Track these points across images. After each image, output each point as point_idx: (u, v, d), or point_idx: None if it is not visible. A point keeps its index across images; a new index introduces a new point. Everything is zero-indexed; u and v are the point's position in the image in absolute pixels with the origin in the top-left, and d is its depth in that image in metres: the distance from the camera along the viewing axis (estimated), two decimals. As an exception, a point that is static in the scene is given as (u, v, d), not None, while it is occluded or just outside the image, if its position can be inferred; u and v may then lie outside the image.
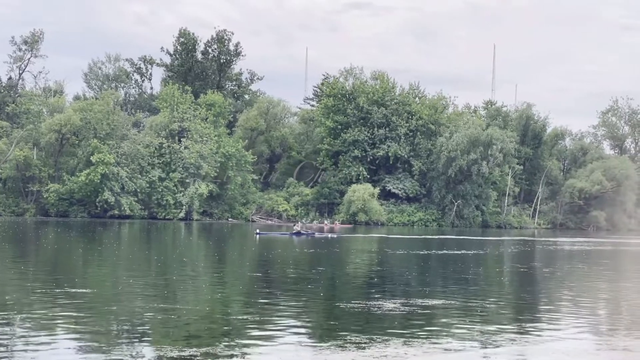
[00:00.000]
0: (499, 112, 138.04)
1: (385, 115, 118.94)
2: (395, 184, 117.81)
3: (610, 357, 13.25)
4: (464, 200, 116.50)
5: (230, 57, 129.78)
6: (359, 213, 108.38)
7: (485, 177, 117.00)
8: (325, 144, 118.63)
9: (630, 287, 28.63)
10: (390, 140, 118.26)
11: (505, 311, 19.78)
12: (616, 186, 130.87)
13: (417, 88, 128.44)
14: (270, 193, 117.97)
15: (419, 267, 34.98)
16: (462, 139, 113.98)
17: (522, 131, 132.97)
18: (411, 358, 12.44)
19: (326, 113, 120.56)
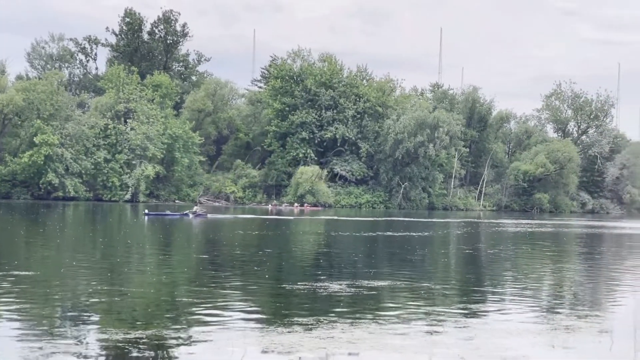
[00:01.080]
0: (445, 95, 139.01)
1: (333, 97, 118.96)
2: (342, 166, 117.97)
3: (553, 336, 13.41)
4: (411, 183, 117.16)
5: (177, 37, 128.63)
6: (307, 195, 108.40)
7: (432, 159, 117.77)
8: (273, 126, 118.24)
9: (572, 268, 29.04)
10: (337, 122, 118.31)
11: (450, 292, 19.92)
12: (559, 169, 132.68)
13: (364, 71, 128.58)
14: (217, 175, 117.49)
15: (365, 249, 35.09)
16: (409, 122, 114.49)
17: (468, 114, 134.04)
18: (358, 339, 12.45)
19: (274, 95, 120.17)
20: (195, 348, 11.86)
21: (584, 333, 13.72)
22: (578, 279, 24.43)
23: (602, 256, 35.72)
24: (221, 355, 11.33)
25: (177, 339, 12.32)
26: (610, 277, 24.60)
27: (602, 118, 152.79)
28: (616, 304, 18.65)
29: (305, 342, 12.12)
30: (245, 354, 11.35)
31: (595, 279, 24.43)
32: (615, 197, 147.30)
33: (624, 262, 31.32)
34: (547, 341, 12.89)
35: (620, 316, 16.39)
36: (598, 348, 12.58)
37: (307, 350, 11.55)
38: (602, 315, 16.35)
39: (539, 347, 12.31)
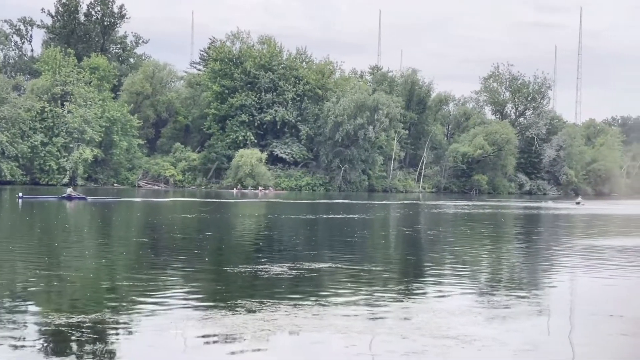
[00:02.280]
0: (385, 78, 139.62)
1: (273, 80, 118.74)
2: (282, 149, 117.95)
3: (492, 314, 13.59)
4: (351, 165, 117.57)
5: (114, 19, 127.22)
6: (247, 178, 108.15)
7: (372, 141, 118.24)
8: (212, 109, 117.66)
9: (510, 249, 29.44)
10: (277, 105, 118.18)
11: (391, 274, 20.05)
12: (497, 150, 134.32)
13: (304, 53, 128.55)
14: (156, 158, 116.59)
15: (305, 232, 35.14)
16: (348, 104, 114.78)
17: (408, 96, 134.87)
18: (301, 320, 12.47)
19: (213, 77, 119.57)
20: (137, 332, 11.76)
21: (522, 312, 13.92)
22: (516, 259, 24.77)
23: (539, 237, 36.28)
24: (163, 338, 11.25)
25: (118, 323, 12.20)
26: (547, 258, 24.99)
27: (540, 100, 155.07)
28: (553, 283, 18.94)
29: (249, 324, 12.10)
30: (188, 337, 11.29)
31: (533, 259, 24.80)
32: (552, 179, 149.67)
33: (561, 242, 31.85)
34: (487, 320, 13.05)
35: (558, 295, 16.66)
36: (536, 326, 12.78)
37: (251, 332, 11.53)
38: (540, 295, 16.62)
39: (479, 326, 12.45)
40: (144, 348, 10.86)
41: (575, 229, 43.79)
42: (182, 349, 10.63)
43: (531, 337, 11.71)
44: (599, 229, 42.25)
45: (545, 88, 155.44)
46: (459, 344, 11.04)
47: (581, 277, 19.88)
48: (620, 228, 44.58)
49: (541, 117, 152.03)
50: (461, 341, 11.19)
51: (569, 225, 46.48)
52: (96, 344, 10.83)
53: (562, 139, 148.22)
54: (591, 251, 26.75)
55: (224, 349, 10.64)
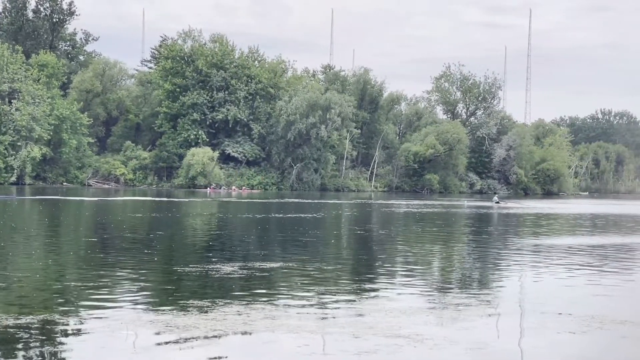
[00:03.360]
0: (337, 77, 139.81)
1: (225, 78, 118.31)
2: (234, 148, 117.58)
3: (443, 313, 13.67)
4: (303, 164, 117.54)
5: (64, 16, 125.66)
6: (198, 177, 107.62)
7: (324, 140, 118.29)
8: (164, 107, 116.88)
9: (461, 248, 29.67)
10: (229, 103, 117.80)
11: (343, 273, 20.08)
12: (449, 150, 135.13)
13: (256, 52, 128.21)
14: (107, 157, 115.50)
15: (257, 231, 35.05)
16: (301, 103, 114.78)
17: (360, 95, 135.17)
18: (253, 320, 12.44)
19: (164, 75, 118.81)
20: (87, 333, 11.62)
21: (472, 311, 14.03)
22: (467, 258, 24.97)
23: (490, 236, 36.60)
24: (114, 338, 11.15)
25: (68, 323, 12.06)
26: (497, 257, 25.22)
27: (490, 100, 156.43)
28: (503, 282, 19.13)
29: (201, 324, 12.04)
30: (139, 337, 11.19)
31: (484, 258, 25.02)
32: (502, 178, 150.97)
33: (511, 241, 32.18)
34: (438, 319, 13.13)
35: (508, 294, 16.82)
36: (487, 325, 12.89)
37: (203, 332, 11.48)
38: (490, 294, 16.76)
39: (430, 325, 12.53)
40: (94, 349, 10.74)
41: (520, 227, 44.26)
42: (133, 350, 10.54)
43: (482, 336, 11.81)
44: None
45: (495, 88, 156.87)
46: (411, 343, 11.09)
47: (530, 276, 20.10)
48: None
49: (491, 117, 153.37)
50: (413, 340, 11.24)
51: (520, 224, 46.97)
52: (45, 345, 10.70)
53: (512, 139, 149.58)
54: (539, 250, 27.07)
55: (175, 350, 10.57)
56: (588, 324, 12.88)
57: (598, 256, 25.69)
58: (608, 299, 15.86)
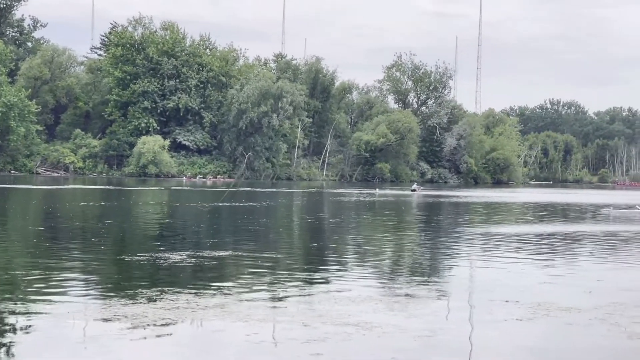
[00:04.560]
0: (289, 66, 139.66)
1: (176, 66, 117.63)
2: (186, 136, 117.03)
3: (392, 301, 13.75)
4: (255, 153, 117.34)
5: (11, 1, 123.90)
6: (149, 165, 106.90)
7: (276, 129, 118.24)
8: (114, 95, 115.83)
9: (411, 236, 29.87)
10: (180, 91, 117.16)
11: (294, 261, 20.11)
12: (400, 139, 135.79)
13: (207, 40, 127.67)
14: (56, 145, 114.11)
15: (207, 220, 34.92)
16: (252, 92, 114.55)
17: (312, 84, 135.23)
18: (203, 308, 12.40)
19: (114, 63, 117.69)
20: (34, 321, 11.48)
21: (422, 299, 14.13)
22: (417, 247, 25.15)
23: (439, 224, 36.87)
24: (62, 328, 11.03)
25: (14, 313, 11.90)
26: (446, 245, 25.43)
27: (441, 89, 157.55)
28: (452, 270, 19.31)
29: (150, 312, 11.97)
30: (87, 326, 11.09)
31: (434, 246, 25.21)
32: (453, 167, 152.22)
33: (461, 229, 32.45)
34: (387, 307, 13.20)
35: (456, 282, 16.96)
36: (436, 313, 12.99)
37: (152, 321, 11.40)
38: (440, 282, 16.89)
39: (379, 313, 12.59)
40: (41, 339, 10.62)
41: (464, 215, 44.68)
42: (81, 339, 10.44)
43: (430, 323, 11.89)
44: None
45: (446, 78, 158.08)
46: (360, 330, 11.14)
47: (479, 264, 20.31)
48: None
49: (442, 106, 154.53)
50: (362, 328, 11.29)
51: (470, 212, 47.40)
52: (-10, 335, 10.55)
53: (463, 128, 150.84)
54: (488, 239, 27.36)
55: (124, 338, 10.49)
56: (535, 311, 13.04)
57: (545, 244, 26.04)
58: (554, 287, 16.08)
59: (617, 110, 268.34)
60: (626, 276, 18.25)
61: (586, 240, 28.60)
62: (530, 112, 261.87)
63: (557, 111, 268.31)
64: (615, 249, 24.68)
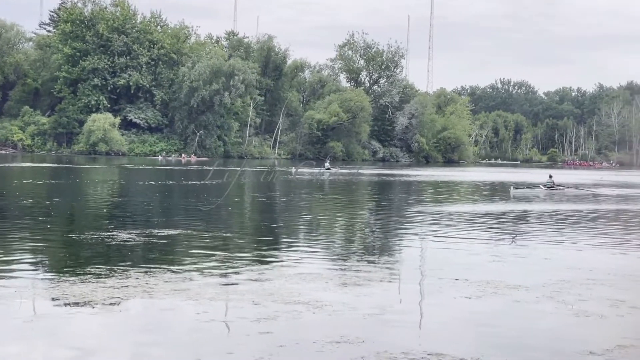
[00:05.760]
0: (240, 43, 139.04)
1: (126, 43, 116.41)
2: (136, 114, 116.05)
3: (343, 279, 13.80)
4: (207, 131, 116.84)
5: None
6: (99, 143, 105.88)
7: (228, 107, 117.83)
8: (63, 72, 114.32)
9: (363, 215, 29.99)
10: (131, 69, 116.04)
11: (245, 240, 20.09)
12: (352, 118, 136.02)
13: (158, 16, 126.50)
14: (3, 122, 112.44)
15: (158, 198, 34.73)
16: (204, 70, 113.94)
17: (264, 63, 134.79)
18: (152, 287, 12.33)
19: (64, 39, 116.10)
20: (-21, 302, 11.33)
21: (372, 277, 14.19)
22: (368, 225, 25.25)
23: (391, 203, 37.05)
24: (9, 307, 10.90)
25: (-41, 294, 11.74)
26: (397, 224, 25.57)
27: (393, 69, 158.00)
28: (403, 249, 19.43)
29: (98, 291, 11.87)
30: (35, 305, 10.98)
31: (384, 225, 25.34)
32: (404, 146, 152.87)
33: (412, 208, 32.63)
34: (338, 285, 13.24)
35: (407, 261, 17.07)
36: (386, 291, 13.06)
37: (100, 299, 11.32)
38: (390, 260, 16.98)
39: (330, 291, 12.63)
40: (-14, 318, 10.48)
41: (418, 195, 44.94)
42: (28, 318, 10.32)
43: (380, 302, 11.96)
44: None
45: (398, 57, 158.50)
46: (310, 309, 11.16)
47: (429, 242, 20.45)
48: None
49: (394, 85, 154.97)
50: (312, 306, 11.32)
51: (421, 192, 47.67)
52: None
53: (414, 108, 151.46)
54: (439, 217, 27.56)
55: (72, 317, 10.40)
56: (483, 289, 13.18)
57: (494, 223, 26.29)
58: (502, 265, 16.25)
59: (567, 90, 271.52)
60: (573, 254, 18.52)
61: (534, 218, 28.94)
62: (481, 92, 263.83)
63: (508, 91, 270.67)
64: (563, 228, 25.00)
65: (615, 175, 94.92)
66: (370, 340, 9.48)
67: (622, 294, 13.12)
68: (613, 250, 19.63)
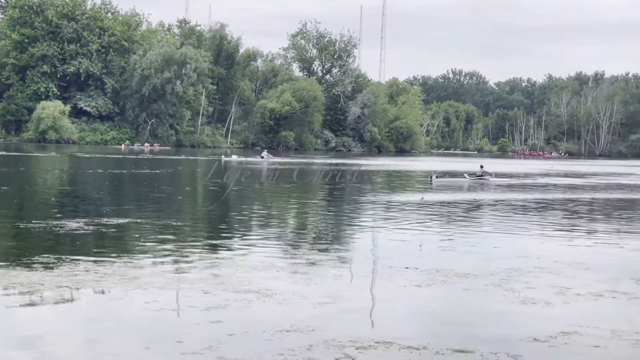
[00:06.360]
0: (193, 32, 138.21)
1: (76, 30, 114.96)
2: (87, 102, 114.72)
3: (294, 268, 13.84)
4: (158, 119, 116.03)
5: None
6: (49, 131, 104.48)
7: (180, 96, 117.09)
8: (11, 58, 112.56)
9: (313, 204, 30.03)
10: (81, 56, 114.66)
11: (196, 229, 20.03)
12: (304, 107, 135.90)
13: (109, 3, 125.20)
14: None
15: (108, 187, 34.45)
16: (156, 58, 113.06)
17: (216, 51, 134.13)
18: (102, 276, 12.24)
19: (12, 25, 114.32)
20: None
21: (323, 266, 14.24)
22: (319, 215, 25.30)
23: (342, 192, 37.13)
24: (-47, 298, 10.75)
25: None
26: (348, 213, 25.65)
27: (345, 58, 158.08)
28: (354, 238, 19.53)
29: (47, 280, 11.76)
30: (-20, 296, 10.84)
31: (335, 214, 25.40)
32: (357, 135, 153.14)
33: (363, 198, 32.75)
34: (290, 274, 13.27)
35: (358, 249, 17.16)
36: (336, 279, 13.11)
37: (49, 288, 11.22)
38: (341, 249, 17.05)
39: (280, 280, 12.65)
40: None
41: (371, 185, 45.11)
42: (-27, 308, 10.19)
43: (331, 290, 12.00)
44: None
45: (351, 46, 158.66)
46: (260, 297, 11.17)
47: (380, 231, 20.56)
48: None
49: (347, 75, 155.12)
50: (262, 295, 11.33)
51: (373, 181, 47.85)
52: None
53: (367, 97, 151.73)
54: (390, 206, 27.71)
55: (20, 306, 10.29)
56: (433, 277, 13.29)
57: (444, 212, 26.51)
58: (452, 253, 16.40)
59: (517, 80, 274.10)
60: (522, 243, 18.74)
61: (485, 207, 29.23)
62: (433, 82, 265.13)
63: (459, 81, 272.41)
64: (512, 217, 25.29)
65: (565, 165, 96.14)
66: (320, 328, 9.52)
67: (568, 281, 13.33)
68: (560, 238, 19.93)
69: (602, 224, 24.32)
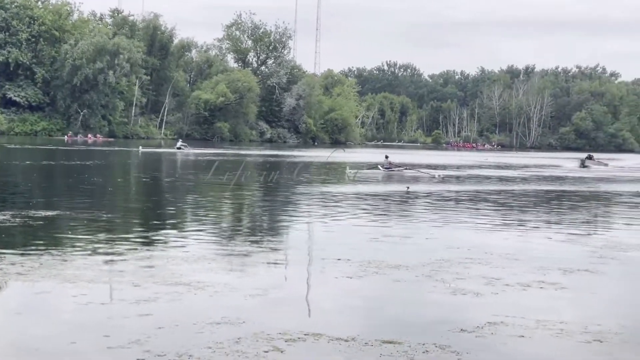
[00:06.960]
0: (125, 22, 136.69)
1: (5, 19, 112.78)
2: (16, 92, 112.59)
3: (226, 260, 13.78)
4: (90, 110, 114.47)
5: None
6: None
7: (112, 86, 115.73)
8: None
9: (248, 196, 29.95)
10: (10, 45, 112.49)
11: (127, 221, 19.80)
12: (239, 98, 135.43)
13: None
14: None
15: (37, 178, 33.87)
16: (87, 47, 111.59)
17: (149, 41, 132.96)
18: (28, 270, 12.01)
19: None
20: None
21: (255, 258, 14.20)
22: (253, 206, 25.24)
23: (279, 184, 37.06)
24: None
25: None
26: (283, 205, 25.65)
27: (280, 49, 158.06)
28: (288, 230, 19.52)
29: (-30, 275, 11.50)
30: None
31: (270, 206, 25.37)
32: (292, 127, 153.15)
33: (297, 189, 32.77)
34: (222, 266, 13.21)
35: (291, 242, 17.18)
36: (269, 272, 13.11)
37: (-28, 284, 10.98)
38: (274, 241, 17.04)
39: (212, 272, 12.57)
40: None
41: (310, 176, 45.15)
42: None
43: (263, 282, 11.97)
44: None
45: (286, 38, 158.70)
46: (191, 290, 11.09)
47: (313, 222, 20.60)
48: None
49: (282, 66, 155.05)
50: (193, 287, 11.24)
51: (309, 173, 47.88)
52: None
53: (302, 89, 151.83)
54: (324, 198, 27.76)
55: (-59, 303, 10.06)
56: (365, 268, 13.34)
57: (378, 204, 26.65)
58: (385, 245, 16.48)
59: (450, 73, 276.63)
60: (453, 234, 18.92)
61: (418, 199, 29.46)
62: (367, 74, 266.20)
63: (394, 73, 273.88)
64: (445, 208, 25.53)
65: (497, 157, 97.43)
66: (251, 321, 9.47)
67: (497, 272, 13.48)
68: (491, 230, 20.19)
69: (532, 215, 24.68)
